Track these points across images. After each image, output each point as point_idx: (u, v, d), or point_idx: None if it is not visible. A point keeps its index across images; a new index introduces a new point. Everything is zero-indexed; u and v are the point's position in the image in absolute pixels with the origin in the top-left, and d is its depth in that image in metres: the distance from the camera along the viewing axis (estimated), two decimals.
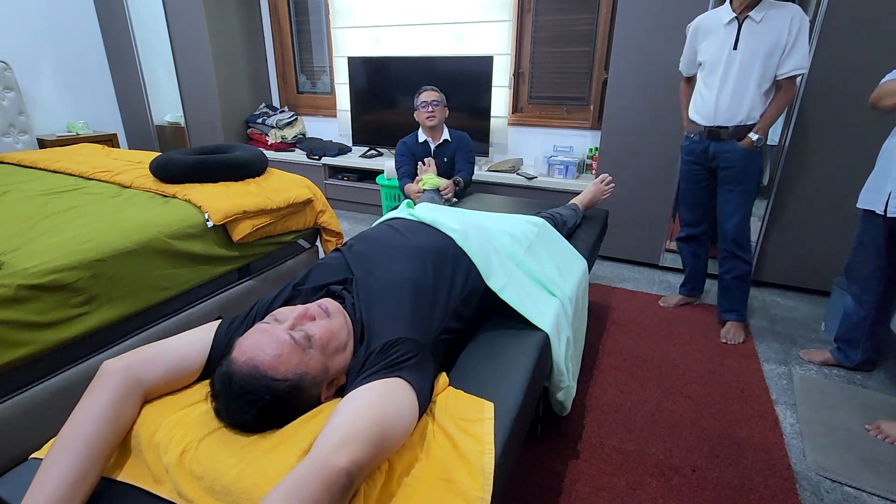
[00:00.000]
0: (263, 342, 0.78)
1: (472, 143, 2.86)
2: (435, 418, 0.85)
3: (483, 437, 0.81)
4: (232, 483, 0.67)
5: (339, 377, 0.87)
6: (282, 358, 0.77)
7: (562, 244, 1.65)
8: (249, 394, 0.74)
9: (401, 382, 0.79)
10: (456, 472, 0.73)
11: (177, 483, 0.71)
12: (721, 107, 1.93)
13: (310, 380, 0.79)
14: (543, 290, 1.36)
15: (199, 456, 0.72)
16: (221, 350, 0.87)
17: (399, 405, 0.76)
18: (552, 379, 1.27)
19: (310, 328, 0.83)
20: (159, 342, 0.87)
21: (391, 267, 1.05)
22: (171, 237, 1.62)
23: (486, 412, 0.87)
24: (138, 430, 0.78)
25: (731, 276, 2.11)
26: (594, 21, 3.03)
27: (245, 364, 0.76)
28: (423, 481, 0.72)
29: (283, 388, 0.76)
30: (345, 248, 1.18)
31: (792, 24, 1.77)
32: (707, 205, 2.16)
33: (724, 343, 2.09)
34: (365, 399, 0.74)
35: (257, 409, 0.75)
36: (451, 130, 2.80)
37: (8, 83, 3.30)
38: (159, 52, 3.80)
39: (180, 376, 0.85)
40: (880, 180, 1.63)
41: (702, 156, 2.06)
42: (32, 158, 2.36)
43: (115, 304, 1.46)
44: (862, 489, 1.38)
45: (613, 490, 1.34)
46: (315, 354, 0.81)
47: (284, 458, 0.69)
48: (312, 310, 0.86)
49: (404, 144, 2.81)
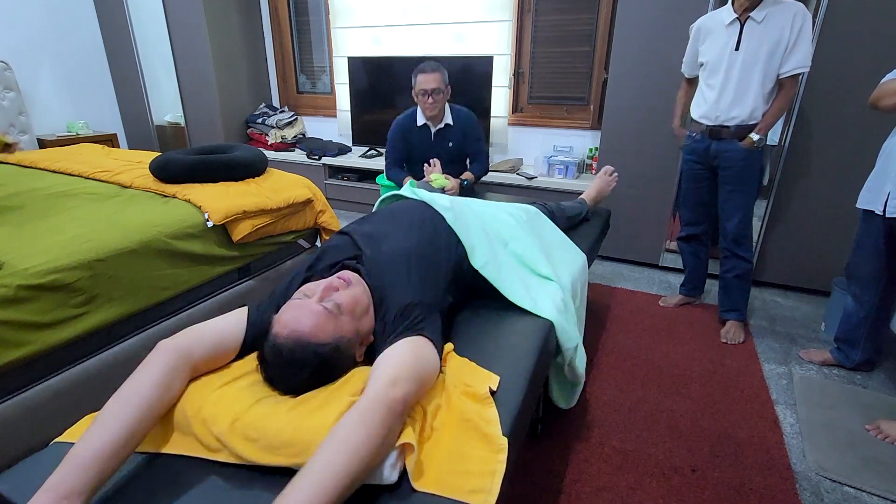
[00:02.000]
0: (301, 315, 0.87)
1: (479, 122, 2.59)
2: (447, 381, 0.96)
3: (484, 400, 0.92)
4: (292, 436, 0.76)
5: (367, 337, 0.98)
6: (320, 326, 0.86)
7: (555, 233, 1.67)
8: (299, 360, 0.85)
9: (423, 339, 0.92)
10: (469, 415, 0.88)
11: (234, 449, 0.78)
12: (723, 107, 1.93)
13: (346, 341, 0.90)
14: (533, 274, 1.38)
15: (251, 421, 0.79)
16: (254, 331, 0.96)
17: (426, 355, 0.90)
18: (561, 350, 1.28)
19: (336, 297, 0.92)
20: (201, 324, 0.95)
21: (396, 240, 1.15)
22: (170, 237, 1.62)
23: (490, 381, 0.97)
24: (184, 407, 0.84)
25: (732, 275, 2.11)
26: (594, 21, 3.03)
27: (290, 336, 0.85)
28: (448, 424, 0.86)
29: (327, 352, 0.86)
30: (350, 229, 1.25)
31: (794, 22, 1.76)
32: (708, 204, 2.16)
33: (725, 343, 2.09)
34: (400, 351, 0.88)
35: (308, 373, 0.85)
36: (454, 109, 2.52)
37: (8, 83, 3.30)
38: (159, 51, 3.80)
39: (222, 353, 0.93)
40: (879, 180, 1.63)
41: (703, 155, 2.06)
42: (32, 158, 2.36)
43: (115, 303, 1.46)
44: (862, 489, 1.38)
45: (613, 490, 1.34)
46: (346, 319, 0.91)
47: (335, 411, 0.78)
48: (335, 282, 0.96)
49: (399, 127, 2.52)
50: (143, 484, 0.78)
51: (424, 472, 0.77)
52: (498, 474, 0.77)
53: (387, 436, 0.72)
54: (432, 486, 0.75)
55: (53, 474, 0.67)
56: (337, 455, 0.67)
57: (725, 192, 2.04)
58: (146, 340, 1.58)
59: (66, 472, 0.68)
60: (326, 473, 0.66)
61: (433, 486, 0.75)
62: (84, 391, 1.41)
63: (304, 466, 0.67)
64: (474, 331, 1.19)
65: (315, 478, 0.65)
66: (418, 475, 0.76)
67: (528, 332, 1.18)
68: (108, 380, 1.46)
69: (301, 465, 0.74)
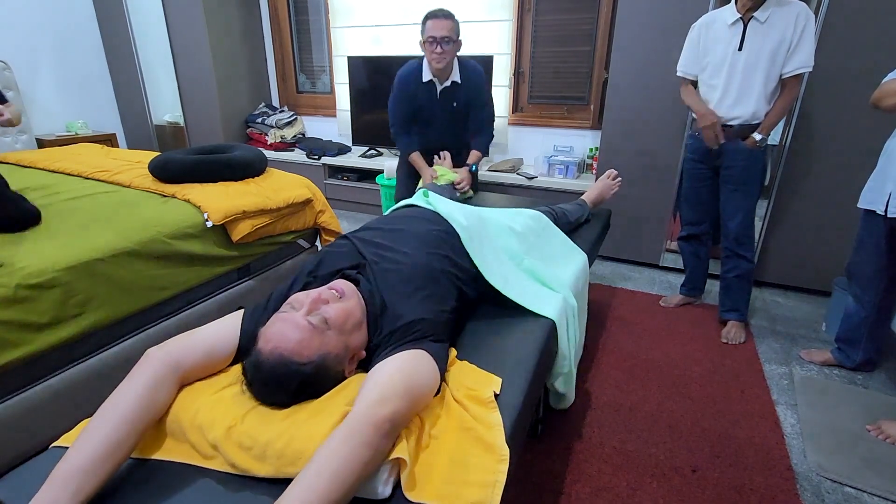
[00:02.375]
0: (285, 330, 0.84)
1: (487, 80, 2.35)
2: (449, 386, 0.95)
3: (488, 404, 0.91)
4: (284, 447, 0.75)
5: (358, 352, 0.94)
6: (303, 343, 0.83)
7: (560, 238, 1.66)
8: (280, 378, 0.82)
9: (423, 353, 0.89)
10: (471, 423, 0.86)
11: (228, 456, 0.77)
12: (725, 107, 1.92)
13: (332, 358, 0.87)
14: (544, 287, 1.37)
15: (246, 429, 0.78)
16: (248, 338, 0.93)
17: (424, 370, 0.86)
18: (555, 365, 1.28)
19: (325, 311, 0.88)
20: (193, 330, 0.93)
21: (407, 252, 1.11)
22: (170, 237, 1.62)
23: (493, 384, 0.96)
24: (178, 415, 0.83)
25: (734, 274, 2.11)
26: (594, 20, 3.03)
27: (271, 353, 0.82)
28: (448, 431, 0.84)
29: (309, 370, 0.83)
30: (352, 235, 1.22)
31: (797, 22, 1.76)
32: (709, 204, 2.15)
33: (725, 343, 2.08)
34: (395, 364, 0.85)
35: (290, 391, 0.83)
36: (462, 64, 2.27)
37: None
38: (158, 51, 3.79)
39: (214, 362, 0.92)
40: (881, 180, 1.63)
41: (706, 154, 2.05)
42: (32, 158, 2.35)
43: (114, 304, 1.45)
44: (863, 490, 1.38)
45: (614, 491, 1.34)
46: (333, 335, 0.87)
47: (326, 422, 0.77)
48: (325, 294, 0.92)
49: (403, 82, 2.28)
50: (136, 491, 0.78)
51: (424, 482, 0.76)
52: (499, 485, 0.76)
53: (373, 456, 0.70)
54: (432, 498, 0.73)
55: (40, 490, 0.68)
56: (319, 477, 0.66)
57: (727, 192, 2.04)
58: (146, 341, 1.57)
59: (47, 488, 0.68)
60: (308, 495, 0.64)
61: (433, 498, 0.73)
62: (84, 392, 1.40)
63: (287, 489, 0.66)
64: (475, 333, 1.19)
65: (296, 501, 0.64)
66: (416, 485, 0.75)
67: (529, 332, 1.18)
68: (108, 380, 1.45)
69: (291, 475, 0.72)
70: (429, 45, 2.13)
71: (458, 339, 1.16)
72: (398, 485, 0.75)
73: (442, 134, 2.44)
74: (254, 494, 0.76)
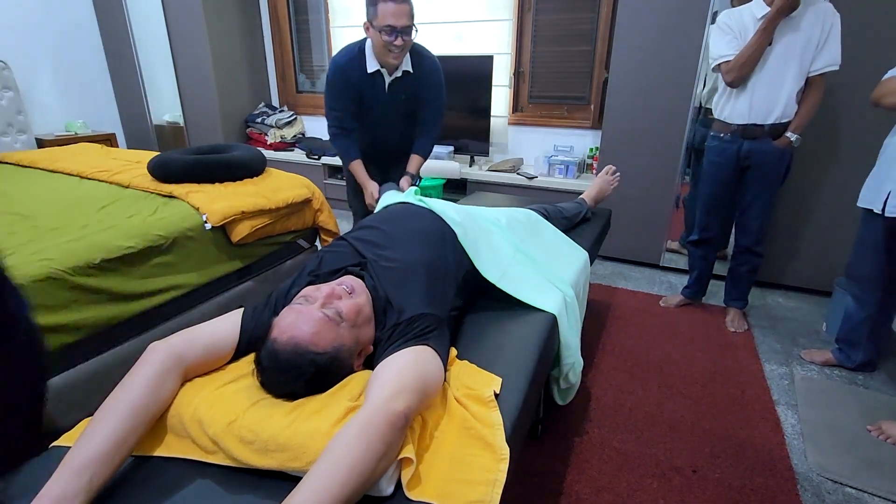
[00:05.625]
0: (300, 321, 0.86)
1: (443, 79, 2.01)
2: (449, 385, 0.96)
3: (488, 403, 0.92)
4: (288, 440, 0.75)
5: (367, 347, 0.96)
6: (320, 334, 0.85)
7: (554, 233, 1.66)
8: (296, 367, 0.83)
9: (429, 349, 0.90)
10: (471, 422, 0.86)
11: (228, 450, 0.77)
12: (756, 105, 1.89)
13: (345, 350, 0.89)
14: (541, 279, 1.37)
15: (247, 423, 0.78)
16: (249, 335, 0.95)
17: (431, 366, 0.88)
18: (560, 358, 1.28)
19: (339, 305, 0.90)
20: (195, 327, 0.94)
21: (406, 249, 1.13)
22: (169, 237, 1.62)
23: (493, 384, 0.96)
24: (178, 410, 0.83)
25: (746, 269, 2.16)
26: (595, 20, 3.02)
27: (288, 342, 0.84)
28: (448, 430, 0.85)
29: (324, 360, 0.85)
30: (349, 236, 1.23)
31: (825, 20, 1.75)
32: (728, 208, 2.13)
33: (732, 331, 2.16)
34: (404, 360, 0.86)
35: (305, 380, 0.84)
36: (415, 51, 1.92)
37: (6, 82, 3.29)
38: (158, 51, 3.79)
39: (215, 357, 0.92)
40: (879, 179, 1.63)
41: (733, 156, 2.00)
42: (31, 158, 2.35)
43: (113, 305, 1.45)
44: (863, 490, 1.37)
45: (614, 491, 1.34)
46: (346, 328, 0.89)
47: (332, 416, 0.78)
48: (338, 289, 0.94)
49: (343, 74, 1.87)
50: (137, 488, 0.78)
51: (425, 480, 0.76)
52: (499, 484, 0.76)
53: (387, 451, 0.70)
54: (433, 496, 0.73)
55: (48, 482, 0.67)
56: (334, 471, 0.66)
57: (755, 192, 2.01)
58: (146, 342, 1.54)
59: (58, 478, 0.68)
60: (323, 489, 0.64)
61: (434, 496, 0.73)
62: (84, 392, 1.40)
63: (301, 481, 0.66)
64: (474, 329, 1.18)
65: (311, 495, 0.64)
66: (418, 484, 0.75)
67: (528, 331, 1.17)
68: (108, 380, 1.44)
69: (295, 469, 0.73)
70: (385, 36, 1.75)
71: (457, 338, 1.15)
72: (399, 483, 0.75)
73: (389, 135, 2.08)
74: (255, 495, 0.76)
